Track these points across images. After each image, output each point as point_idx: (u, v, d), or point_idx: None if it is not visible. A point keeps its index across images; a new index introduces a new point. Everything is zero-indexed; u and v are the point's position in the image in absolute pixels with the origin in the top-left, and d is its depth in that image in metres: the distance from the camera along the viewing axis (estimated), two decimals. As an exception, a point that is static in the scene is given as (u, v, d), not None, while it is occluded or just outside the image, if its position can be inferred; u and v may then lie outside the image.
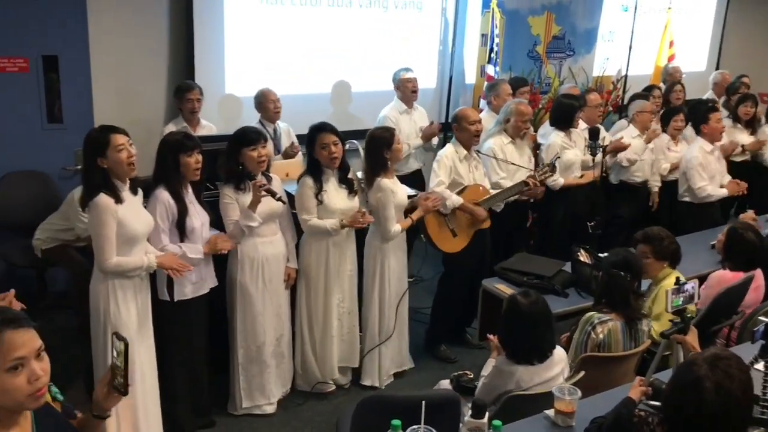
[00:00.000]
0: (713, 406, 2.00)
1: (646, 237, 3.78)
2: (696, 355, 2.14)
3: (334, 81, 6.24)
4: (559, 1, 7.19)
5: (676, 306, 2.84)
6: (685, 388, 2.05)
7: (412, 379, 4.51)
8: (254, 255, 3.82)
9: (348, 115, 6.24)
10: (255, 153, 3.70)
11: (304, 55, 6.02)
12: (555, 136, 5.25)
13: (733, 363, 2.04)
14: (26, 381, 1.70)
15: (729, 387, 1.99)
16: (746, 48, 9.91)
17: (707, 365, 2.04)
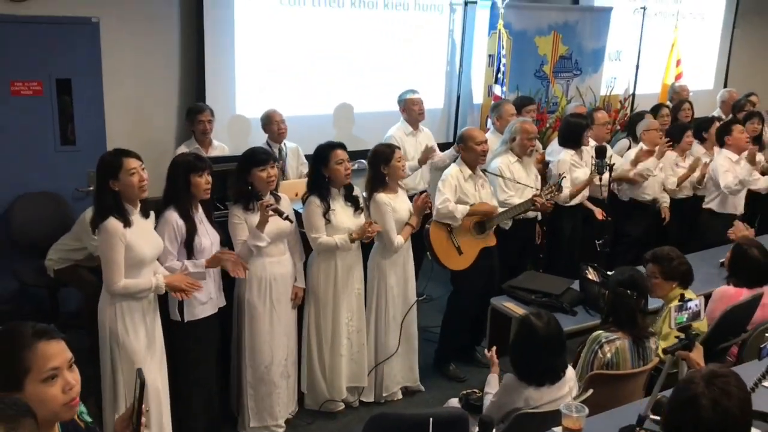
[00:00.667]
0: (710, 423, 1.99)
1: (655, 257, 3.76)
2: (694, 373, 2.14)
3: (341, 102, 6.31)
4: (565, 21, 7.24)
5: (680, 323, 2.83)
6: (683, 405, 2.06)
7: (422, 398, 4.51)
8: (262, 274, 3.85)
9: (355, 135, 6.30)
10: (264, 173, 3.75)
11: (312, 77, 6.09)
12: (565, 153, 5.27)
13: (731, 380, 2.04)
14: (61, 391, 1.76)
15: (726, 405, 1.99)
16: (753, 66, 9.94)
17: (704, 382, 2.04)
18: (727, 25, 9.53)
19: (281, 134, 5.30)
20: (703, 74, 9.36)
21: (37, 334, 1.77)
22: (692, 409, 2.02)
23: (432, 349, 4.91)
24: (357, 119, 6.41)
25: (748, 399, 2.06)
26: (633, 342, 3.31)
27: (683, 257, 3.78)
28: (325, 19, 6.04)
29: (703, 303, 2.92)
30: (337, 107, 6.30)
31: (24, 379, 1.73)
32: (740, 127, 5.63)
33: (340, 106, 6.32)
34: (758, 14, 9.81)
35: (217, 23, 5.53)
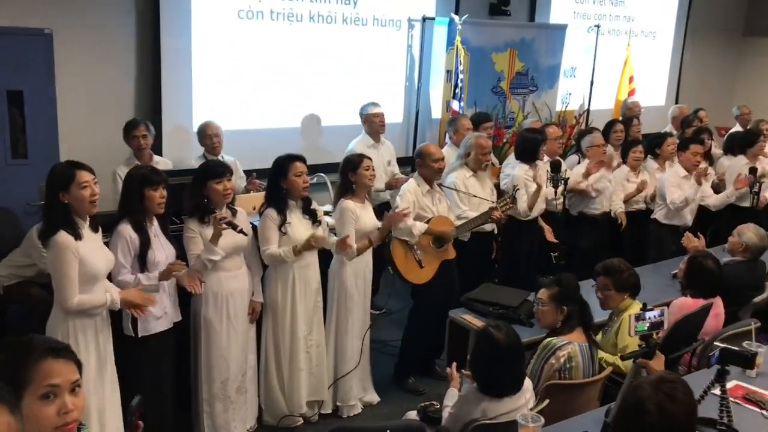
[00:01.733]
0: (655, 427, 2.03)
1: (606, 269, 3.81)
2: (643, 378, 2.19)
3: (302, 116, 6.31)
4: (522, 39, 7.37)
5: (641, 331, 2.85)
6: (630, 410, 2.10)
7: (380, 411, 4.50)
8: (218, 289, 3.81)
9: (315, 148, 6.29)
10: (221, 186, 3.72)
11: (271, 91, 6.09)
12: (519, 168, 5.35)
13: (678, 387, 2.08)
14: (56, 412, 1.68)
15: (671, 410, 2.03)
16: (703, 83, 10.25)
17: (651, 388, 2.08)
18: (678, 44, 9.82)
19: (215, 148, 5.21)
20: (655, 91, 9.62)
21: (48, 350, 1.73)
22: (639, 413, 2.06)
23: (392, 363, 4.91)
24: (318, 133, 6.42)
25: (693, 405, 2.10)
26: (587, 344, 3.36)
27: (632, 269, 3.85)
28: (283, 32, 6.05)
29: (666, 313, 2.94)
30: (294, 121, 6.30)
31: (23, 390, 1.67)
32: (696, 148, 5.75)
33: (301, 120, 6.32)
34: (706, 33, 10.14)
35: (174, 36, 5.49)
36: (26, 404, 1.65)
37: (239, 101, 5.92)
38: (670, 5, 9.55)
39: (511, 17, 7.59)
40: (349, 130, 6.05)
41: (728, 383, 2.92)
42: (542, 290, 3.53)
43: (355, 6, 6.41)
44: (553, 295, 3.47)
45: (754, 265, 4.65)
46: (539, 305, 3.53)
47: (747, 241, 4.59)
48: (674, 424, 2.04)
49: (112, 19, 5.30)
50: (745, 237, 4.61)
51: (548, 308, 3.48)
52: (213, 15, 5.66)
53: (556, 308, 3.45)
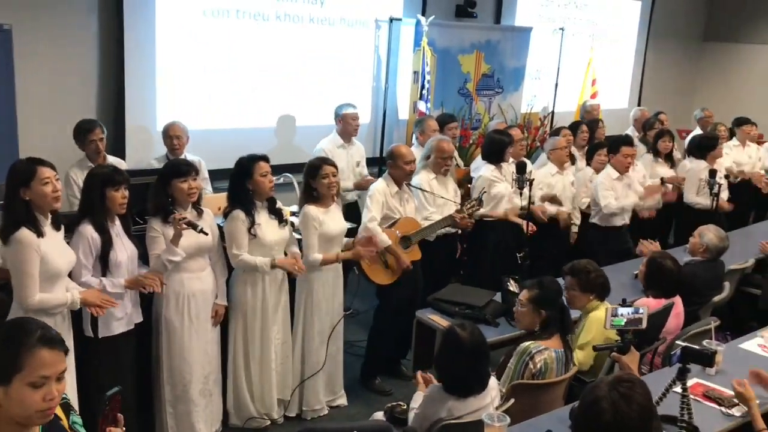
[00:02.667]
0: (609, 426, 2.05)
1: (573, 270, 3.85)
2: (602, 378, 2.22)
3: (267, 116, 6.27)
4: (487, 41, 7.43)
5: (617, 325, 2.83)
6: (586, 408, 2.12)
7: (347, 412, 4.49)
8: (180, 290, 3.75)
9: (282, 148, 6.26)
10: (185, 185, 3.67)
11: (236, 91, 6.04)
12: (485, 169, 5.39)
13: (635, 387, 2.10)
14: (41, 398, 1.81)
15: (625, 410, 2.05)
16: (664, 87, 10.46)
17: (608, 387, 2.10)
18: (640, 48, 9.99)
19: (175, 150, 5.13)
20: (618, 93, 9.77)
21: (41, 340, 1.82)
22: (594, 412, 2.08)
23: (358, 364, 4.90)
24: (284, 132, 6.38)
25: (649, 407, 2.12)
26: (563, 351, 3.40)
27: (600, 270, 3.89)
28: (249, 32, 6.00)
29: (647, 312, 2.91)
30: (263, 121, 6.26)
31: (14, 375, 1.79)
32: (628, 150, 5.83)
33: (264, 120, 6.28)
34: (667, 38, 10.35)
35: (138, 34, 5.41)
36: (14, 387, 1.79)
37: (204, 101, 5.85)
38: (632, 10, 9.71)
39: (477, 19, 7.64)
40: (317, 130, 6.03)
41: (689, 381, 2.98)
42: (524, 291, 3.54)
43: (322, 6, 6.39)
44: (532, 298, 3.46)
45: (714, 265, 4.76)
46: (519, 306, 3.54)
47: (707, 242, 4.69)
48: (628, 424, 2.05)
49: (74, 16, 5.20)
50: (706, 238, 4.71)
51: (526, 310, 3.48)
52: (178, 13, 5.58)
53: (535, 311, 3.45)
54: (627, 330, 2.85)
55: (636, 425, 2.07)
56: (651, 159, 6.65)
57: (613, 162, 5.83)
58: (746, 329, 4.41)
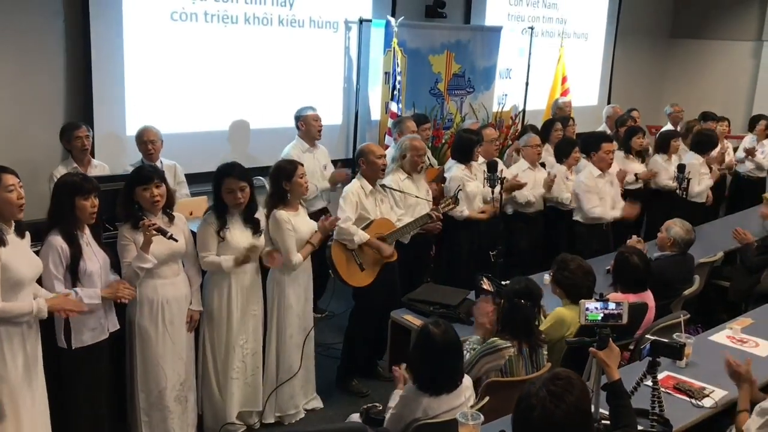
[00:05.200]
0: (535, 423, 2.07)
1: (556, 260, 3.96)
2: (542, 375, 2.22)
3: (237, 119, 6.24)
4: (458, 41, 7.45)
5: (593, 320, 2.80)
6: (518, 403, 2.13)
7: (324, 415, 4.48)
8: (154, 297, 3.72)
9: (250, 152, 6.23)
10: (147, 193, 3.63)
11: (207, 94, 6.00)
12: (456, 169, 5.42)
13: (569, 387, 2.09)
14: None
15: (551, 409, 2.05)
16: (634, 83, 10.59)
17: (540, 384, 2.11)
18: (609, 45, 10.09)
19: (150, 154, 5.08)
20: (588, 91, 9.86)
21: None
22: (525, 408, 2.10)
23: (335, 366, 4.89)
24: (253, 136, 6.35)
25: (581, 407, 2.11)
26: (528, 350, 3.42)
27: (578, 272, 3.86)
28: (218, 34, 5.96)
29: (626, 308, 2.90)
30: (232, 124, 6.23)
31: None
32: (609, 146, 5.87)
33: (236, 123, 6.25)
34: (636, 35, 10.48)
35: (105, 38, 5.35)
36: None
37: (175, 105, 5.81)
38: (600, 8, 9.81)
39: (447, 19, 7.67)
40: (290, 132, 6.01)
41: (659, 374, 3.03)
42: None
43: (291, 8, 6.37)
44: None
45: (683, 259, 4.82)
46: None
47: (675, 236, 4.75)
48: (553, 423, 2.05)
49: (39, 20, 5.13)
50: (673, 232, 4.77)
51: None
52: (145, 17, 5.53)
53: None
54: (604, 325, 2.81)
55: (562, 424, 2.05)
56: (622, 156, 6.72)
57: (595, 160, 5.83)
58: (716, 321, 4.49)
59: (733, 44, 10.58)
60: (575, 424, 2.09)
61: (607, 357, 2.74)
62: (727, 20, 10.59)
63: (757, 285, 5.38)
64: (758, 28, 10.28)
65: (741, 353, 3.80)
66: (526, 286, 3.56)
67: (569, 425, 2.07)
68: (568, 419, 2.06)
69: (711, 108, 8.46)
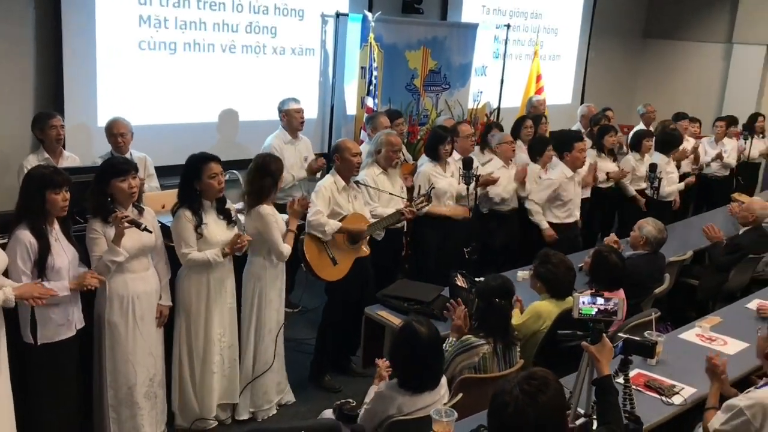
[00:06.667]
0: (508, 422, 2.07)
1: (538, 254, 4.00)
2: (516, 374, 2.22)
3: (215, 111, 6.18)
4: (434, 37, 7.45)
5: (587, 314, 2.79)
6: (493, 400, 2.13)
7: (297, 411, 4.46)
8: (124, 292, 3.66)
9: (229, 144, 6.17)
10: (125, 184, 3.57)
11: (184, 85, 5.92)
12: (426, 166, 5.43)
13: (543, 387, 2.10)
14: None
15: (524, 408, 2.05)
16: (607, 83, 10.69)
17: (515, 382, 2.11)
18: (583, 44, 10.18)
19: (119, 147, 4.98)
20: (562, 89, 9.93)
21: None
22: (499, 406, 2.10)
23: (307, 362, 4.87)
24: (232, 128, 6.29)
25: (555, 407, 2.12)
26: (502, 348, 3.44)
27: (561, 267, 3.91)
28: (192, 25, 5.87)
29: (622, 304, 2.89)
30: (211, 116, 6.16)
31: None
32: (582, 146, 5.89)
33: (215, 115, 6.18)
34: (609, 34, 10.57)
35: (77, 26, 5.24)
36: None
37: (149, 96, 5.72)
38: (575, 7, 9.88)
39: (424, 15, 7.67)
40: (264, 126, 5.98)
41: (631, 372, 3.06)
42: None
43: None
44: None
45: (654, 258, 4.88)
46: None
47: (647, 235, 4.81)
48: (525, 423, 2.06)
49: (9, 9, 5.02)
50: (645, 231, 4.83)
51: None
52: (119, 4, 5.43)
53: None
54: (598, 320, 2.77)
55: (534, 424, 2.06)
56: (595, 154, 6.78)
57: (569, 159, 5.81)
58: (685, 319, 4.55)
59: (704, 46, 10.74)
60: (548, 424, 2.10)
61: (599, 352, 2.73)
62: (698, 22, 10.74)
63: (725, 284, 5.48)
64: (728, 30, 10.44)
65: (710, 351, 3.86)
66: (502, 283, 3.58)
67: (542, 424, 2.08)
68: (540, 419, 2.07)
69: (682, 108, 8.57)
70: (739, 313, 4.51)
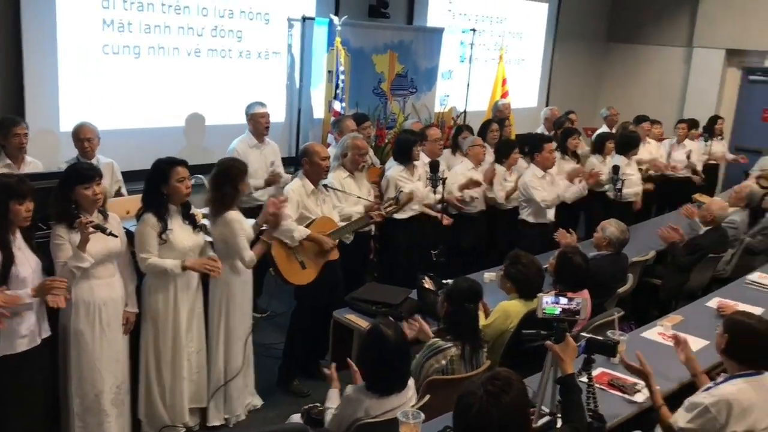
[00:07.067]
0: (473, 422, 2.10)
1: (509, 255, 4.05)
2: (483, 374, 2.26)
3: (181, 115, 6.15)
4: (401, 41, 7.50)
5: (550, 313, 2.83)
6: (458, 401, 2.16)
7: (265, 416, 4.45)
8: (90, 298, 3.61)
9: (195, 148, 6.13)
10: (89, 191, 3.52)
11: (147, 89, 5.87)
12: (393, 169, 5.46)
13: (507, 388, 2.12)
14: None
15: (488, 409, 2.08)
16: (571, 86, 10.83)
17: (479, 383, 2.14)
18: (548, 48, 10.31)
19: (86, 152, 4.93)
20: (527, 93, 10.04)
21: None
22: (463, 405, 2.13)
23: (275, 366, 4.86)
24: (198, 132, 6.26)
25: (518, 407, 2.15)
26: (469, 351, 3.47)
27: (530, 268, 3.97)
28: (157, 28, 5.83)
29: (585, 304, 2.93)
30: (177, 120, 6.12)
31: None
32: (551, 147, 6.03)
33: (182, 119, 6.15)
34: (573, 38, 10.72)
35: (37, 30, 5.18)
36: None
37: (114, 100, 5.67)
38: (539, 12, 10.00)
39: (390, 20, 7.70)
40: (231, 130, 5.94)
41: (594, 371, 3.11)
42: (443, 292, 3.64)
43: (235, 2, 6.28)
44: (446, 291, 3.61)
45: (617, 258, 4.97)
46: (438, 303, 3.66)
47: (610, 236, 4.89)
48: (489, 423, 2.08)
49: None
50: (608, 232, 4.91)
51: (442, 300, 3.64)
52: (80, 8, 5.37)
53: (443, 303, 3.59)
54: (562, 319, 2.83)
55: (497, 425, 2.08)
56: (559, 156, 6.87)
57: (539, 160, 5.97)
58: (648, 318, 4.64)
59: (665, 50, 10.94)
60: (512, 424, 2.12)
61: (563, 351, 2.78)
62: (660, 27, 10.94)
63: (686, 283, 5.60)
64: (688, 34, 10.66)
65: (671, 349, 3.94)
66: (470, 286, 3.61)
67: (506, 425, 2.11)
68: (504, 419, 2.10)
69: (645, 111, 8.71)
70: (700, 311, 4.61)
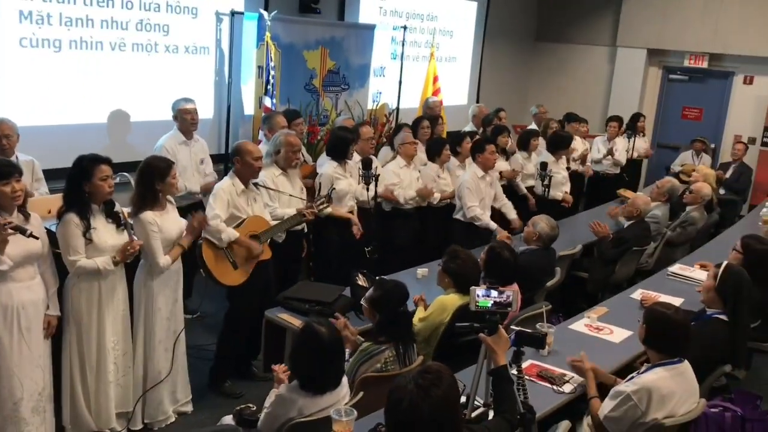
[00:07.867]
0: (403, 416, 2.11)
1: (447, 250, 4.12)
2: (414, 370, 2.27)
3: (105, 111, 5.94)
4: (332, 37, 7.46)
5: (483, 306, 2.85)
6: (389, 394, 2.17)
7: (196, 419, 4.36)
8: (8, 302, 3.46)
9: (120, 145, 5.95)
10: (8, 188, 3.38)
11: (70, 85, 5.65)
12: (328, 166, 5.43)
13: (437, 382, 2.14)
14: None
15: (418, 403, 2.10)
16: (501, 84, 11.03)
17: (410, 377, 2.16)
18: (477, 47, 10.45)
19: (4, 149, 4.69)
20: (458, 90, 10.16)
21: None
22: (394, 400, 2.14)
23: (207, 368, 4.77)
24: (123, 129, 6.06)
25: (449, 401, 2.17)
26: (402, 348, 3.49)
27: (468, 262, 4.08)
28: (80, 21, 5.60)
29: (516, 296, 2.97)
30: (101, 117, 5.90)
31: None
32: (492, 148, 6.14)
33: (105, 116, 5.94)
34: (502, 37, 10.91)
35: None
36: None
37: (33, 96, 5.42)
38: (469, 11, 10.13)
39: (321, 15, 7.65)
40: (158, 126, 5.79)
41: (524, 363, 3.17)
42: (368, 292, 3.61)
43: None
44: (370, 298, 3.57)
45: (546, 252, 5.09)
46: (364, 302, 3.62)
47: (540, 231, 5.01)
48: (419, 417, 2.09)
49: None
50: (539, 227, 5.03)
51: (367, 308, 3.60)
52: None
53: (371, 311, 3.57)
54: (494, 312, 2.86)
55: (428, 418, 2.09)
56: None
57: (480, 160, 6.04)
58: (576, 310, 4.77)
59: (591, 49, 11.27)
60: (442, 417, 2.14)
61: (495, 343, 2.82)
62: (585, 26, 11.26)
63: (612, 275, 5.79)
64: (612, 34, 11.00)
65: (597, 340, 4.07)
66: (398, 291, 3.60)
67: (436, 418, 2.12)
68: (435, 412, 2.11)
69: (572, 109, 8.96)
70: (624, 303, 4.77)
